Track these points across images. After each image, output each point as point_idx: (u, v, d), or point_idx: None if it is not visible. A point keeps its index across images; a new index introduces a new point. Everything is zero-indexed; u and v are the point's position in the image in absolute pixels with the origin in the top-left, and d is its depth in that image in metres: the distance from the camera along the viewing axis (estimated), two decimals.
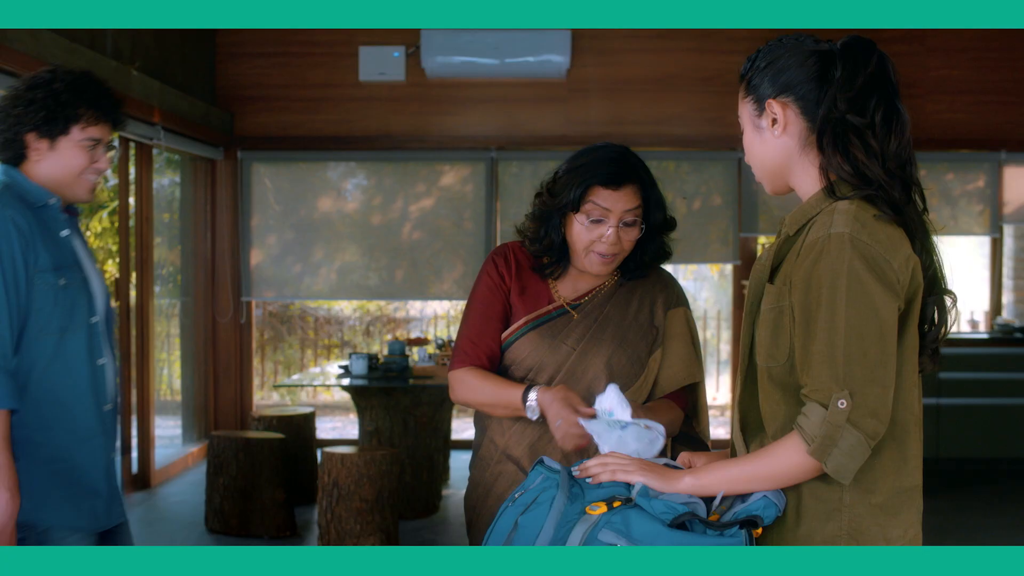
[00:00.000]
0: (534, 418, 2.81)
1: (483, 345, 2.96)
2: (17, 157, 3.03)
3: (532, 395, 2.79)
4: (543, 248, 2.96)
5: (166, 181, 8.28)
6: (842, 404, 1.97)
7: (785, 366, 2.11)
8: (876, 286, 2.00)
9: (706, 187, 8.52)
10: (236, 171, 8.44)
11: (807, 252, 2.06)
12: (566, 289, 2.99)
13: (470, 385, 2.93)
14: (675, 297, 3.00)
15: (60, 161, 3.02)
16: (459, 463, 8.03)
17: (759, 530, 2.07)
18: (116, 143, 3.13)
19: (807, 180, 2.18)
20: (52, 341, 2.96)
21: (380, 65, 8.24)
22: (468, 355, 2.96)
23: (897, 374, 2.08)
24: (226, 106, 8.37)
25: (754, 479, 2.10)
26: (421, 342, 7.48)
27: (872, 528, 2.10)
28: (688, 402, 2.99)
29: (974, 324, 9.12)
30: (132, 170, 7.35)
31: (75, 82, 3.03)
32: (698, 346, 3.01)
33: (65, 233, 3.04)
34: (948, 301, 2.17)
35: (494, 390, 2.88)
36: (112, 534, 3.15)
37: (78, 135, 3.01)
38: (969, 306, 9.17)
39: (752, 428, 2.20)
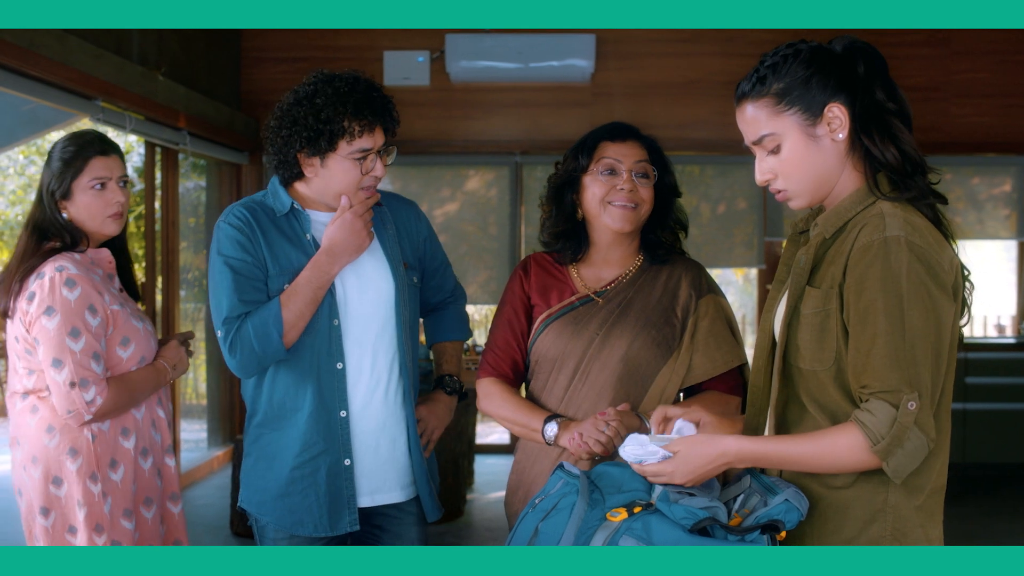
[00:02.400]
0: (550, 444, 2.86)
1: (507, 355, 3.03)
2: (295, 175, 3.02)
3: (552, 425, 2.84)
4: (558, 225, 3.02)
5: (191, 185, 8.31)
6: (912, 406, 1.99)
7: (831, 369, 2.11)
8: (936, 290, 2.03)
9: (730, 191, 8.49)
10: (261, 175, 8.46)
11: (860, 255, 2.06)
12: (590, 277, 3.01)
13: (494, 400, 3.00)
14: (705, 284, 2.99)
15: (333, 177, 2.95)
16: (483, 467, 8.03)
17: (783, 534, 2.07)
18: (391, 149, 3.05)
19: (847, 182, 2.19)
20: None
21: (404, 70, 8.25)
22: (492, 365, 3.04)
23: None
24: (251, 111, 8.41)
25: (806, 464, 2.10)
26: None
27: (916, 530, 2.12)
28: (736, 385, 2.93)
29: (1000, 328, 9.06)
30: (158, 175, 7.39)
31: (336, 94, 2.90)
32: (737, 331, 2.99)
33: (309, 236, 3.00)
34: (967, 287, 2.18)
35: (515, 410, 2.95)
36: (346, 541, 3.09)
37: (345, 149, 2.92)
38: (996, 311, 9.11)
39: (791, 431, 2.19)
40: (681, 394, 2.96)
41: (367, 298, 3.03)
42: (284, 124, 2.95)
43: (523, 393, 3.07)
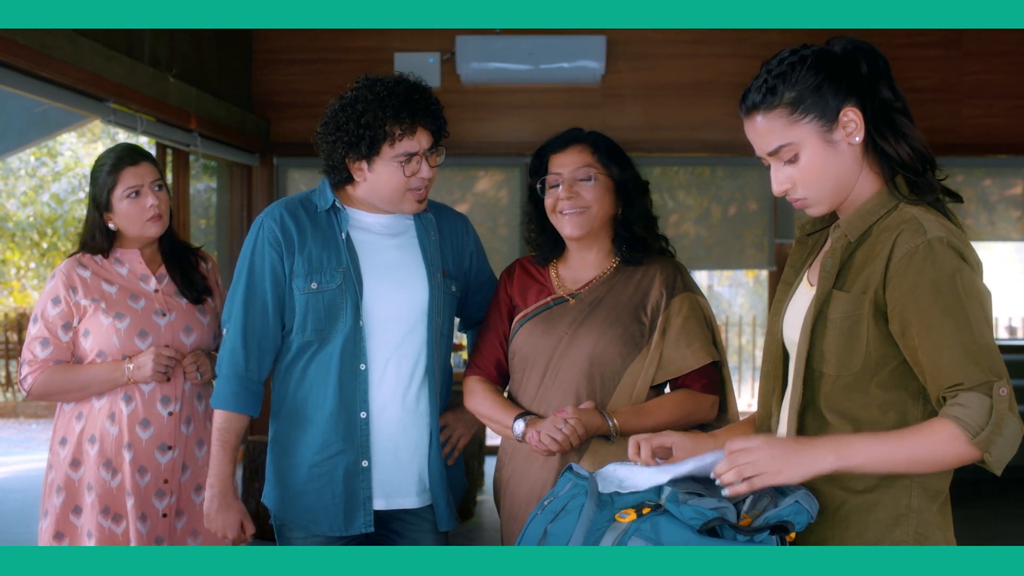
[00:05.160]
0: (519, 440, 2.95)
1: (491, 356, 3.13)
2: (344, 179, 3.07)
3: (520, 423, 2.93)
4: (535, 228, 3.16)
5: (202, 187, 8.32)
6: (1003, 392, 1.97)
7: (858, 374, 2.10)
8: (982, 284, 2.05)
9: (741, 193, 8.48)
10: (272, 177, 8.47)
11: (907, 262, 2.04)
12: (568, 278, 3.08)
13: (475, 397, 3.10)
14: (681, 284, 3.01)
15: (379, 181, 3.00)
16: (493, 469, 8.02)
17: (792, 535, 2.06)
18: (440, 150, 3.09)
19: (865, 185, 2.18)
20: (311, 344, 3.03)
21: (415, 71, 8.08)
22: (477, 365, 3.15)
23: None
24: (262, 112, 8.42)
25: (907, 462, 2.02)
26: (455, 348, 7.48)
27: (936, 533, 2.12)
28: (711, 383, 2.97)
29: (1011, 330, 9.04)
30: (169, 176, 7.40)
31: (376, 99, 2.95)
32: (714, 331, 3.02)
33: (344, 235, 3.04)
34: None
35: (491, 408, 3.05)
36: (361, 542, 3.10)
37: (389, 153, 2.96)
38: (1007, 312, 9.09)
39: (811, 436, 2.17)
40: (668, 389, 3.00)
41: (397, 301, 3.05)
42: (329, 130, 3.01)
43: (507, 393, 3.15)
